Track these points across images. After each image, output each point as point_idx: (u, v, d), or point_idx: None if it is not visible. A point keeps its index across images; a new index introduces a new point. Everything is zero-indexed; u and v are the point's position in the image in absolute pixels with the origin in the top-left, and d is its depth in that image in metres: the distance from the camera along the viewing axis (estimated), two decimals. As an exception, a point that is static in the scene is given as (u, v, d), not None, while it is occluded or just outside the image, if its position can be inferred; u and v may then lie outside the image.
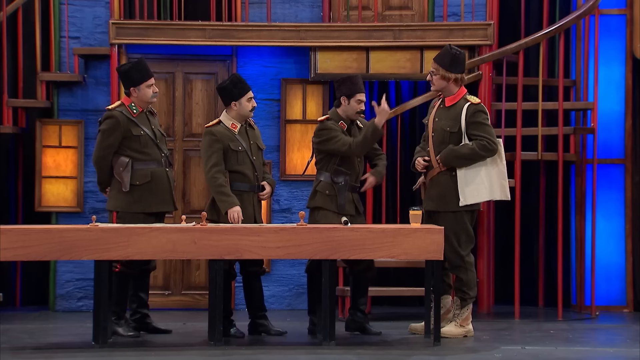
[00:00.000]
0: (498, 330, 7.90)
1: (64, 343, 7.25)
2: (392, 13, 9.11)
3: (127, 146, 7.34)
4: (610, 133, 9.05)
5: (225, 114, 7.42)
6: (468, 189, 7.32)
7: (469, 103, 7.37)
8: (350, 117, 7.47)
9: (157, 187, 7.39)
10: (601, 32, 8.93)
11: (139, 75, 7.41)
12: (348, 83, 7.44)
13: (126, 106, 7.40)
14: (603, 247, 8.99)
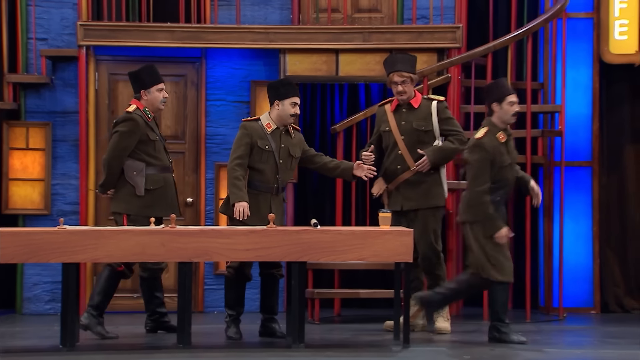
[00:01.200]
0: (467, 331, 7.92)
1: (31, 346, 7.21)
2: (361, 16, 9.12)
3: (142, 151, 7.40)
4: (578, 136, 9.10)
5: (267, 113, 7.46)
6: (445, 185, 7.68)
7: (436, 101, 7.61)
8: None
9: (168, 192, 7.46)
10: (569, 35, 8.97)
11: (150, 78, 7.48)
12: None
13: (141, 110, 7.42)
14: (571, 249, 9.03)
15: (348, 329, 8.01)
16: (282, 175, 7.40)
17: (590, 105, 9.12)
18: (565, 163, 8.90)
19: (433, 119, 7.56)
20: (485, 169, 7.07)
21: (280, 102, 7.37)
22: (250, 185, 7.33)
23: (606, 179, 9.23)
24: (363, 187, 9.04)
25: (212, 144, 9.04)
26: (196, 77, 9.02)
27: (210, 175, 9.02)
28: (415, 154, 7.55)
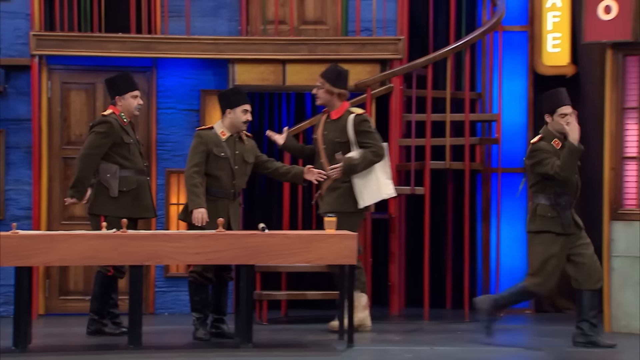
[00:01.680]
0: (408, 331, 7.98)
1: None
2: (307, 27, 9.13)
3: (117, 153, 7.46)
4: (514, 143, 9.16)
5: (220, 121, 7.49)
6: (366, 191, 7.67)
7: (353, 114, 7.68)
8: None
9: (142, 194, 7.52)
10: (504, 47, 9.04)
11: (125, 85, 7.60)
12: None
13: (117, 114, 7.50)
14: (507, 251, 9.08)
15: (295, 329, 8.04)
16: (238, 181, 7.45)
17: (526, 114, 9.20)
18: (501, 169, 8.97)
19: (349, 131, 7.63)
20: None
21: (232, 110, 7.40)
22: (208, 191, 7.36)
23: None
24: (309, 192, 9.03)
25: (163, 150, 9.01)
26: (147, 86, 9.00)
27: (161, 181, 8.99)
28: (333, 163, 7.67)
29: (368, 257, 8.56)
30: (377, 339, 7.55)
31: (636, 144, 8.04)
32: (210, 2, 9.05)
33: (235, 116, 7.41)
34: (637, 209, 8.00)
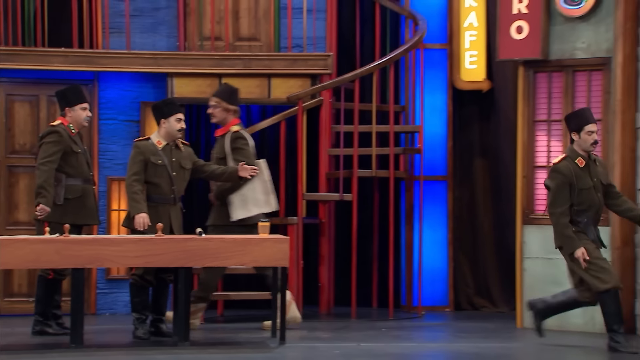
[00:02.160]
0: (337, 329, 8.00)
1: None
2: (242, 44, 9.08)
3: (65, 162, 7.43)
4: (435, 153, 9.18)
5: (156, 132, 7.46)
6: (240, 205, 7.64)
7: (230, 132, 7.73)
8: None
9: (86, 201, 7.47)
10: (426, 64, 9.02)
11: (75, 97, 7.57)
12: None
13: (65, 125, 7.47)
14: (429, 254, 9.09)
15: (230, 328, 8.02)
16: (177, 187, 7.42)
17: (446, 126, 9.23)
18: (423, 177, 8.97)
19: (226, 147, 7.68)
20: (562, 193, 6.86)
21: (166, 120, 7.40)
22: (150, 198, 7.33)
23: (459, 192, 9.33)
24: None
25: (104, 159, 8.91)
26: (89, 98, 8.79)
27: (103, 188, 8.89)
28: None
29: (299, 259, 8.53)
30: (307, 336, 7.56)
31: (546, 154, 8.11)
32: (149, 19, 8.96)
33: (170, 125, 7.40)
34: (545, 214, 7.83)
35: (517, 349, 7.26)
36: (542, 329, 7.11)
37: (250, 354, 6.70)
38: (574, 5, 7.94)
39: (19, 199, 8.82)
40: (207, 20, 8.97)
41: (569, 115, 7.15)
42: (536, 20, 8.02)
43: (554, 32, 8.06)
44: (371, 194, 9.14)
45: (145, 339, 7.26)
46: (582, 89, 8.02)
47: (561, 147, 8.04)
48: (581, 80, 8.03)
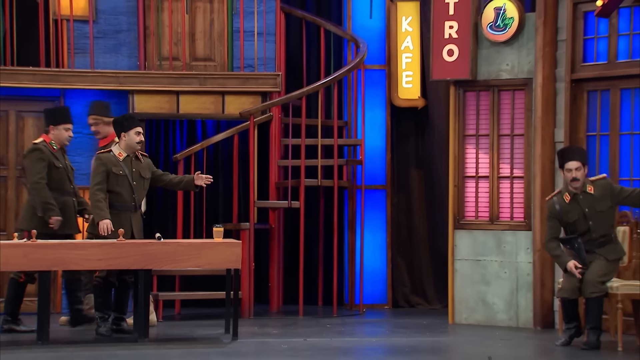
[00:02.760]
0: (285, 325, 8.00)
1: None
2: (198, 64, 9.03)
3: (48, 176, 7.42)
4: (375, 164, 9.20)
5: (117, 144, 7.41)
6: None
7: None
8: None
9: (67, 213, 7.47)
10: (366, 83, 9.03)
11: (61, 117, 7.62)
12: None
13: (47, 142, 7.47)
14: (369, 256, 9.09)
15: (187, 325, 7.98)
16: (138, 195, 7.37)
17: (384, 139, 9.26)
18: (365, 186, 8.95)
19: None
20: (551, 226, 6.94)
21: (125, 133, 7.36)
22: (112, 206, 7.27)
23: (397, 199, 9.34)
24: (200, 206, 9.02)
25: None
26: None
27: None
28: None
29: (251, 262, 8.49)
30: (258, 332, 7.56)
31: (474, 165, 8.16)
32: (112, 40, 8.87)
33: (130, 138, 7.35)
34: (475, 220, 8.14)
35: (449, 342, 7.32)
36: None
37: (205, 349, 6.68)
38: (498, 31, 8.01)
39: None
40: (165, 41, 8.92)
41: (558, 152, 7.16)
42: (465, 44, 8.08)
43: (481, 55, 8.11)
44: (317, 202, 9.10)
45: (108, 336, 7.20)
46: (506, 107, 8.06)
47: (488, 159, 8.10)
48: (506, 99, 8.06)
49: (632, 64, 7.57)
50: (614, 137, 7.69)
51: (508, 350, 6.80)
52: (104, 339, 7.15)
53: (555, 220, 7.00)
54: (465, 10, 8.08)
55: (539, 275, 7.89)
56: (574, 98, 7.83)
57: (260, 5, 8.97)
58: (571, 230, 6.95)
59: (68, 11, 8.71)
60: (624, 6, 7.51)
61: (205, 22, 9.04)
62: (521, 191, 8.02)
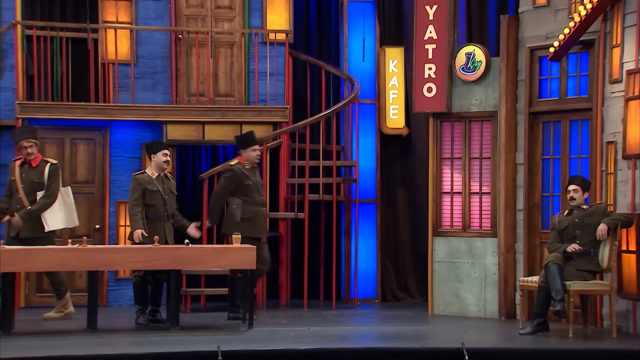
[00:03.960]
0: (292, 316, 7.95)
1: None
2: (220, 99, 9.00)
3: (240, 192, 7.47)
4: (367, 182, 9.18)
5: (149, 166, 7.43)
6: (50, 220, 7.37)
7: (49, 163, 7.40)
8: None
9: (258, 220, 7.53)
10: (360, 114, 9.04)
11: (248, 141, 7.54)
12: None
13: (241, 163, 7.51)
14: (362, 258, 9.07)
15: (210, 316, 7.94)
16: (169, 207, 7.41)
17: (375, 161, 9.24)
18: (358, 200, 8.95)
19: (45, 174, 7.34)
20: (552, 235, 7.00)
21: (155, 155, 7.39)
22: (148, 217, 7.30)
23: (385, 211, 9.33)
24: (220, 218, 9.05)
25: (114, 187, 8.80)
26: (103, 140, 8.83)
27: (112, 209, 8.82)
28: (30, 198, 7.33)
29: None
30: (269, 322, 7.51)
31: (450, 183, 8.13)
32: (149, 80, 8.88)
33: (158, 159, 7.37)
34: (450, 228, 8.13)
35: (428, 330, 7.31)
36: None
37: (225, 336, 6.65)
38: (469, 72, 8.05)
39: None
40: (193, 81, 8.90)
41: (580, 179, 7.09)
42: (442, 83, 8.07)
43: (455, 92, 8.11)
44: (319, 213, 9.03)
45: (145, 325, 7.24)
46: (476, 135, 8.06)
47: (461, 178, 8.09)
48: (475, 128, 8.07)
49: (579, 100, 7.62)
50: (565, 160, 7.72)
51: (478, 337, 6.81)
52: (142, 327, 7.19)
53: (555, 231, 7.06)
54: (442, 55, 8.12)
55: (503, 274, 7.93)
56: (531, 127, 7.86)
57: (271, 50, 9.02)
58: (563, 236, 6.96)
59: (114, 56, 8.76)
60: (572, 52, 7.57)
61: (226, 65, 9.08)
62: (488, 204, 8.02)
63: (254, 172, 7.59)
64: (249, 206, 7.48)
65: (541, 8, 7.82)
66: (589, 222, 6.95)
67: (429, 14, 8.15)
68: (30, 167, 7.37)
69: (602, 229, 6.84)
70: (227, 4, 9.14)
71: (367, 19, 9.32)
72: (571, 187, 7.02)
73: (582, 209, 7.02)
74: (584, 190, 7.05)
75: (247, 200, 7.48)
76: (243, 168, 7.49)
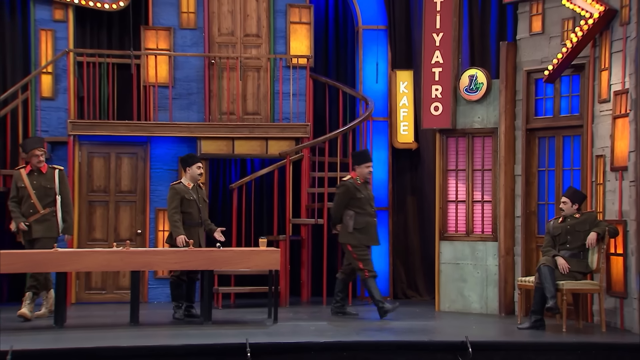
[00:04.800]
0: (313, 312, 7.92)
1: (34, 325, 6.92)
2: (248, 117, 9.01)
3: (353, 205, 7.42)
4: (380, 191, 9.11)
5: (184, 177, 7.41)
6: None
7: (57, 169, 7.30)
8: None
9: (370, 229, 7.45)
10: (373, 130, 9.03)
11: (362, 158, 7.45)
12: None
13: (353, 178, 7.44)
14: (376, 260, 8.36)
15: (239, 311, 7.94)
16: (203, 214, 7.42)
17: (387, 173, 9.20)
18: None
19: (56, 179, 7.25)
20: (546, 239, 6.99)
21: (189, 168, 7.41)
22: (184, 223, 7.31)
23: (396, 218, 9.28)
24: (249, 222, 8.97)
25: (154, 196, 8.82)
26: (144, 154, 8.88)
27: (152, 216, 8.82)
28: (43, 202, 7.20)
29: (287, 264, 8.36)
30: (292, 317, 7.50)
31: (455, 192, 8.12)
32: (185, 100, 8.91)
33: (192, 171, 7.37)
34: (455, 233, 8.11)
35: (435, 325, 7.27)
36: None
37: (253, 330, 6.68)
38: (472, 93, 8.04)
39: (96, 223, 8.76)
40: (224, 101, 8.93)
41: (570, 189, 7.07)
42: (447, 102, 8.06)
43: (459, 110, 8.10)
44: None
45: (181, 319, 7.24)
46: (478, 149, 8.04)
47: (465, 188, 8.07)
48: (478, 143, 8.06)
49: (571, 118, 7.61)
50: (559, 172, 7.71)
51: (480, 331, 6.81)
52: (178, 321, 7.21)
53: (548, 235, 7.06)
54: (447, 77, 8.12)
55: (503, 274, 7.90)
56: (528, 142, 7.85)
57: (294, 74, 9.05)
58: (555, 241, 6.96)
59: (154, 79, 8.82)
60: (565, 75, 7.58)
61: (253, 86, 9.10)
62: (490, 212, 8.00)
63: (365, 186, 7.53)
64: (361, 217, 7.42)
65: (537, 35, 7.84)
66: (579, 230, 6.95)
67: (436, 40, 8.18)
68: (40, 174, 7.21)
69: (592, 238, 6.84)
70: (254, 32, 9.20)
71: (380, 45, 9.35)
72: (563, 199, 7.03)
73: (574, 217, 7.01)
74: (574, 202, 7.03)
75: (359, 211, 7.42)
76: (355, 183, 7.45)
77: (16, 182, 7.26)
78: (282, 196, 8.97)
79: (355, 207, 7.46)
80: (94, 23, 9.10)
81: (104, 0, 8.94)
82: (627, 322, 6.87)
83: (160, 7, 9.03)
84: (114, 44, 9.16)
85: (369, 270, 7.45)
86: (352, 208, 7.47)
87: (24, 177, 7.24)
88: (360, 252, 7.45)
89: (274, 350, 5.83)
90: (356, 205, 7.46)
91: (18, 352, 5.42)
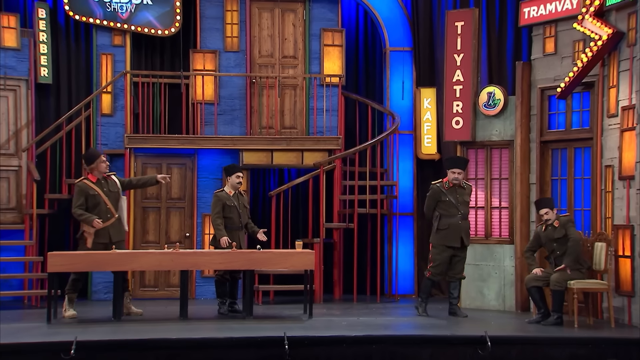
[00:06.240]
0: (344, 308, 7.89)
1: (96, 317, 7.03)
2: (285, 130, 9.06)
3: (439, 206, 7.26)
4: (406, 198, 9.10)
5: (227, 185, 7.45)
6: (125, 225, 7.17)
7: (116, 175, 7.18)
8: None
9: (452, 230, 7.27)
10: (400, 143, 9.03)
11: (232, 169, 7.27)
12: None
13: (443, 182, 7.21)
14: (402, 261, 9.00)
15: (278, 307, 7.94)
16: (243, 219, 7.45)
17: (412, 181, 9.15)
18: (399, 213, 8.93)
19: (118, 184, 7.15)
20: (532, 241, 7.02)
21: (230, 177, 7.47)
22: (226, 227, 7.37)
23: (420, 222, 9.15)
24: (286, 226, 8.95)
25: (200, 202, 8.88)
26: (192, 165, 8.90)
27: (199, 220, 8.87)
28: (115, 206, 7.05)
29: (321, 265, 8.36)
30: (325, 313, 7.48)
31: (474, 199, 8.03)
32: (229, 116, 8.96)
33: (232, 180, 7.39)
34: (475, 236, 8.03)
35: (457, 321, 7.21)
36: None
37: (290, 324, 6.69)
38: (490, 108, 8.05)
39: (149, 227, 8.83)
40: (264, 116, 8.99)
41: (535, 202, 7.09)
42: (467, 117, 8.10)
43: (479, 124, 8.11)
44: (366, 224, 8.99)
45: (225, 315, 7.30)
46: (496, 159, 8.04)
47: (484, 195, 8.06)
48: (495, 154, 8.06)
49: (582, 131, 7.59)
50: (570, 181, 7.69)
51: (498, 327, 6.78)
52: (223, 316, 7.26)
53: (536, 239, 7.07)
54: (467, 94, 8.14)
55: (519, 275, 7.86)
56: (542, 154, 7.83)
57: (327, 91, 9.09)
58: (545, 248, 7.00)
59: (201, 97, 8.90)
60: (576, 91, 7.56)
61: (290, 103, 9.14)
62: (507, 217, 7.99)
63: (454, 190, 7.32)
64: (445, 219, 7.26)
65: (550, 55, 7.84)
66: (558, 236, 6.93)
67: (457, 60, 8.20)
68: (106, 181, 7.08)
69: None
70: (291, 54, 9.28)
71: (406, 65, 9.36)
72: (542, 212, 6.91)
73: (553, 225, 6.96)
74: (551, 208, 6.97)
75: (444, 213, 7.26)
76: (442, 186, 7.28)
77: (85, 191, 6.98)
78: (316, 202, 9.03)
79: (440, 209, 7.28)
80: (148, 47, 9.26)
81: (157, 27, 9.11)
82: (634, 319, 6.85)
83: (207, 33, 9.15)
84: (165, 65, 9.31)
85: (433, 273, 7.36)
86: (438, 210, 7.30)
87: (92, 185, 6.99)
88: (435, 252, 7.32)
89: (309, 342, 5.89)
90: (441, 207, 7.28)
91: (81, 343, 5.58)
